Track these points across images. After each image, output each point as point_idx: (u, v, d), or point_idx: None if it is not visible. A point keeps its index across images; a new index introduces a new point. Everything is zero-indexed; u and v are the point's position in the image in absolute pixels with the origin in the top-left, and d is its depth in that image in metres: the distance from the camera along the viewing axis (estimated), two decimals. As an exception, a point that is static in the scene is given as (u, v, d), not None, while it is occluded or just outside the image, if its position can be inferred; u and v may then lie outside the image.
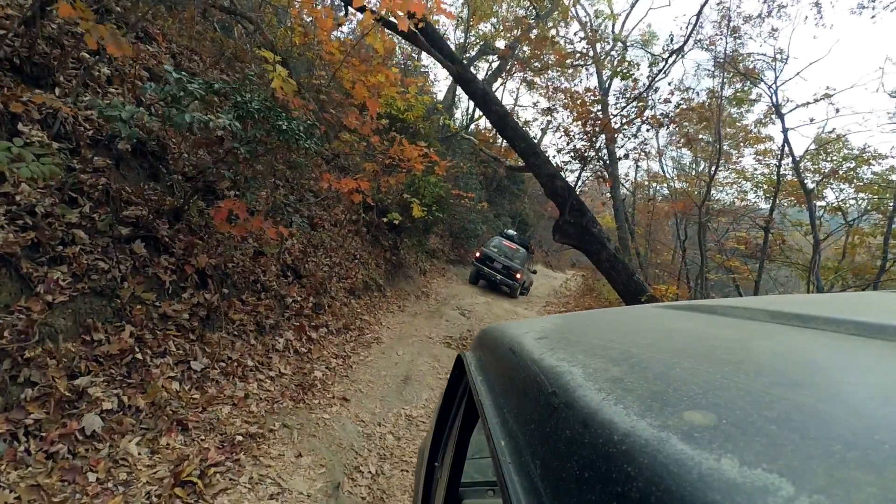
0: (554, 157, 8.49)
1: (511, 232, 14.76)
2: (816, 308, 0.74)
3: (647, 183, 18.01)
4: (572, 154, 7.91)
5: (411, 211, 8.05)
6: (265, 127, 3.24)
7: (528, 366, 0.65)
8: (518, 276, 12.85)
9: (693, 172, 16.52)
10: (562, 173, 8.68)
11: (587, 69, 15.52)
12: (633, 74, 7.47)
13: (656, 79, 6.86)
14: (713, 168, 9.96)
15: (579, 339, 0.76)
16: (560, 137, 8.31)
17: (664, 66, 7.02)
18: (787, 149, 10.97)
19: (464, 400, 1.18)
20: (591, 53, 14.19)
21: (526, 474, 0.48)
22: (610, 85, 13.20)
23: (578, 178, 7.96)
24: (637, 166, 13.63)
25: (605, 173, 12.00)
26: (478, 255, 13.02)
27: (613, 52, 14.72)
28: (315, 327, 5.17)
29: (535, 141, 8.59)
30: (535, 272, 15.73)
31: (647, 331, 0.78)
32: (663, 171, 17.13)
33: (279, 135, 3.23)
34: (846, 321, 0.59)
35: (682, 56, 7.91)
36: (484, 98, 8.12)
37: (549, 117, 8.66)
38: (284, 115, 3.28)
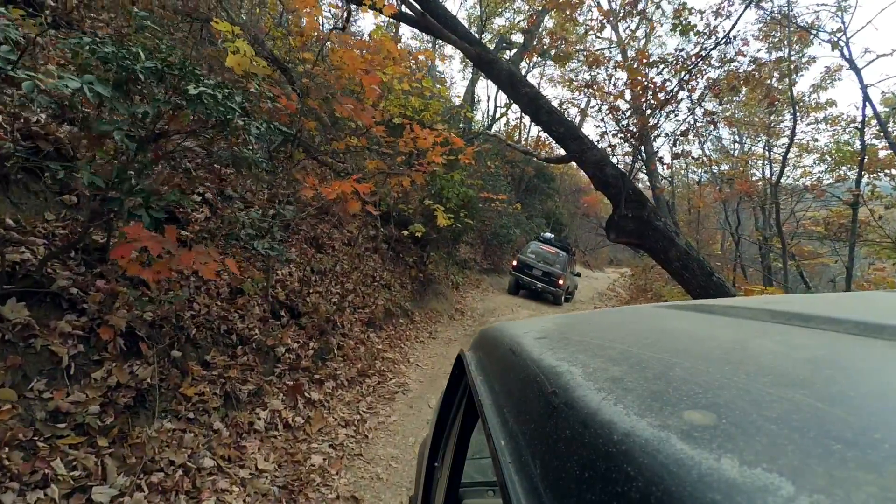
0: (598, 140, 6.88)
1: (548, 235, 13.13)
2: (816, 307, 0.73)
3: (684, 168, 15.88)
4: (623, 135, 6.30)
5: (436, 220, 6.63)
6: (167, 98, 1.91)
7: (527, 366, 0.63)
8: (560, 281, 11.23)
9: (736, 152, 14.36)
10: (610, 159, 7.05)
11: (612, 51, 13.79)
12: (694, 27, 5.83)
13: (747, 6, 5.16)
14: (789, 138, 8.07)
15: (579, 339, 0.73)
16: (603, 117, 6.69)
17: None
18: (868, 109, 8.95)
19: (464, 400, 1.12)
20: (614, 38, 12.51)
21: (526, 474, 0.46)
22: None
23: (634, 161, 6.33)
24: (672, 149, 11.59)
25: (643, 156, 10.21)
26: (514, 263, 11.53)
27: (639, 32, 12.95)
28: (318, 382, 3.79)
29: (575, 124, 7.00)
30: (578, 275, 14.01)
31: (647, 331, 0.76)
32: (704, 153, 15.01)
33: (190, 106, 1.88)
34: (846, 320, 0.58)
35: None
36: (510, 80, 6.64)
37: (589, 90, 7.07)
38: (198, 76, 1.93)
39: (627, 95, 6.16)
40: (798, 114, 14.41)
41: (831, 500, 0.25)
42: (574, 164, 7.29)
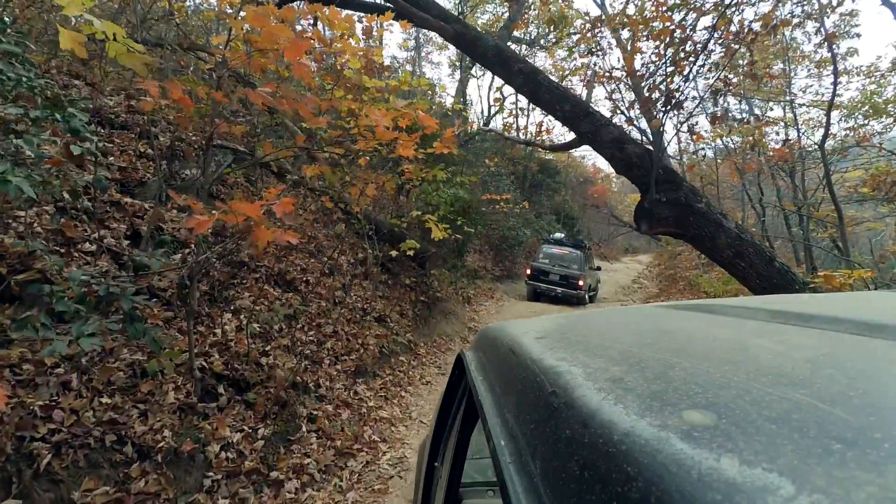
0: (609, 117, 5.63)
1: (558, 235, 11.93)
2: (816, 307, 0.72)
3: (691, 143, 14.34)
4: (647, 99, 5.07)
5: (431, 233, 5.45)
6: None
7: (528, 366, 0.62)
8: (581, 282, 9.99)
9: (750, 119, 12.88)
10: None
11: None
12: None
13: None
14: (832, 88, 6.72)
15: (579, 338, 0.72)
16: (614, 87, 5.44)
17: None
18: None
19: (464, 400, 1.11)
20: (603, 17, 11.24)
21: (526, 474, 0.45)
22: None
23: (658, 133, 5.06)
24: (714, 110, 10.02)
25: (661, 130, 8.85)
26: (528, 272, 10.45)
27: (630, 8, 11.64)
28: (274, 485, 2.62)
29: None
30: (599, 269, 12.71)
31: (647, 331, 0.75)
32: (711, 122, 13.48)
33: None
34: (846, 320, 0.58)
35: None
36: (499, 57, 5.49)
37: (595, 57, 5.85)
38: None
39: (643, 53, 4.91)
40: (818, 67, 12.89)
41: (831, 500, 0.24)
42: (576, 152, 6.09)
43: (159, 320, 2.87)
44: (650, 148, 5.17)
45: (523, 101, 16.08)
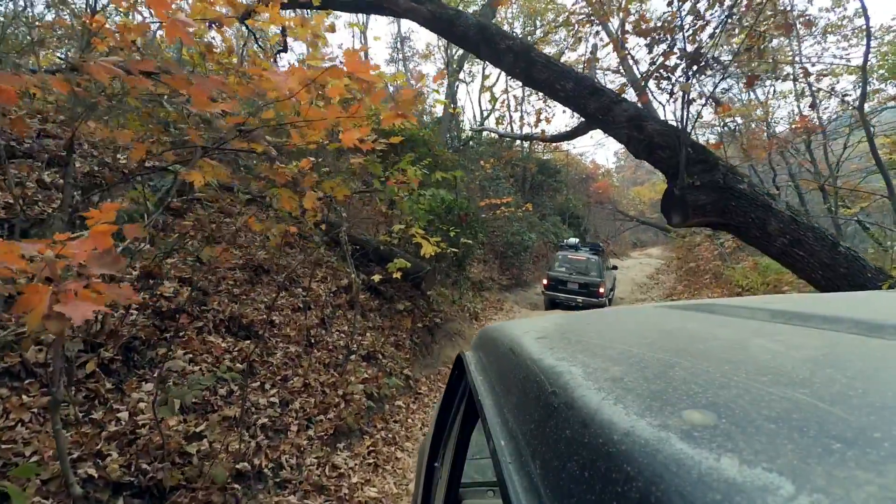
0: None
1: (572, 240, 11.07)
2: (816, 307, 0.72)
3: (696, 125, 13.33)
4: (662, 66, 4.22)
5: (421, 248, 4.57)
6: None
7: (528, 366, 0.61)
8: (601, 289, 9.11)
9: (751, 98, 11.94)
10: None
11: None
12: None
13: None
14: (866, 43, 5.86)
15: (579, 338, 0.71)
16: (619, 61, 4.58)
17: None
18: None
19: (464, 400, 1.10)
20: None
21: (526, 474, 0.45)
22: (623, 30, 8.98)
23: (685, 107, 4.17)
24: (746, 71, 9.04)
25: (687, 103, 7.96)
26: (545, 282, 9.76)
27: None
28: None
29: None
30: (615, 268, 11.81)
31: (647, 330, 0.74)
32: (715, 100, 12.48)
33: None
34: (846, 320, 0.58)
35: None
36: (483, 35, 4.67)
37: (596, 27, 4.99)
38: None
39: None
40: (824, 33, 11.88)
41: (831, 500, 0.24)
42: (575, 149, 5.24)
43: (28, 412, 2.00)
44: (675, 124, 4.29)
45: (516, 91, 15.26)
